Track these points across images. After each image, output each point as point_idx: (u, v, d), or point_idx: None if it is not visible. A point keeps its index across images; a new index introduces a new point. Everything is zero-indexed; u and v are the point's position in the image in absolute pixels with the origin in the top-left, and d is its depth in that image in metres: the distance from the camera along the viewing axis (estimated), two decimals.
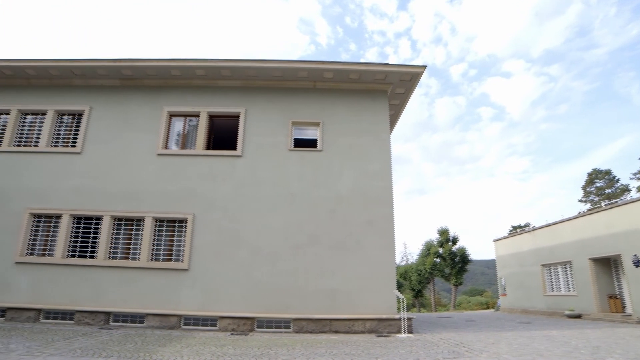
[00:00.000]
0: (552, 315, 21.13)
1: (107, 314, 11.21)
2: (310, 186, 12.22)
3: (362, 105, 13.02)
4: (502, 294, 28.57)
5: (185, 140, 13.15)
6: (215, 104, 13.14)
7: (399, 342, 9.12)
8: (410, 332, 10.87)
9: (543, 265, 23.09)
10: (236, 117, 13.07)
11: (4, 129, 13.49)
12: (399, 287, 43.48)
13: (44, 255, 12.07)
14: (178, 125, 13.30)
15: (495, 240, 29.38)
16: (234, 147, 12.86)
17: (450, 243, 42.26)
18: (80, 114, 13.40)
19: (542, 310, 22.65)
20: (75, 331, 9.76)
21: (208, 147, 13.16)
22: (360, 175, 12.31)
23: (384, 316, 10.97)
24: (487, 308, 41.80)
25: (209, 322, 11.08)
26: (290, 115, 12.92)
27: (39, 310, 11.33)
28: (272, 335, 10.16)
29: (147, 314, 11.10)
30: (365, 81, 13.00)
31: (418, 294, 45.57)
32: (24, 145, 13.26)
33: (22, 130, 13.53)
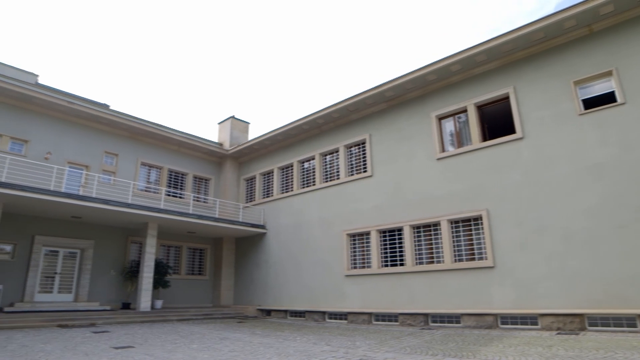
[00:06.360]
0: None
1: (425, 315, 11.92)
2: (619, 150, 9.87)
3: None
4: None
5: (460, 138, 13.01)
6: (479, 93, 12.57)
7: None
8: None
9: None
10: (506, 98, 12.09)
11: (314, 172, 16.78)
12: None
13: (363, 267, 14.10)
14: (448, 126, 13.35)
15: None
16: (512, 131, 11.83)
17: None
18: (363, 143, 15.30)
19: None
20: (401, 331, 10.77)
21: (484, 139, 12.56)
22: None
23: None
24: None
25: (528, 320, 10.23)
26: (569, 75, 10.96)
27: (369, 314, 13.16)
28: (611, 335, 8.48)
29: (462, 314, 11.20)
30: None
31: None
32: (329, 180, 16.09)
33: (325, 168, 16.50)
